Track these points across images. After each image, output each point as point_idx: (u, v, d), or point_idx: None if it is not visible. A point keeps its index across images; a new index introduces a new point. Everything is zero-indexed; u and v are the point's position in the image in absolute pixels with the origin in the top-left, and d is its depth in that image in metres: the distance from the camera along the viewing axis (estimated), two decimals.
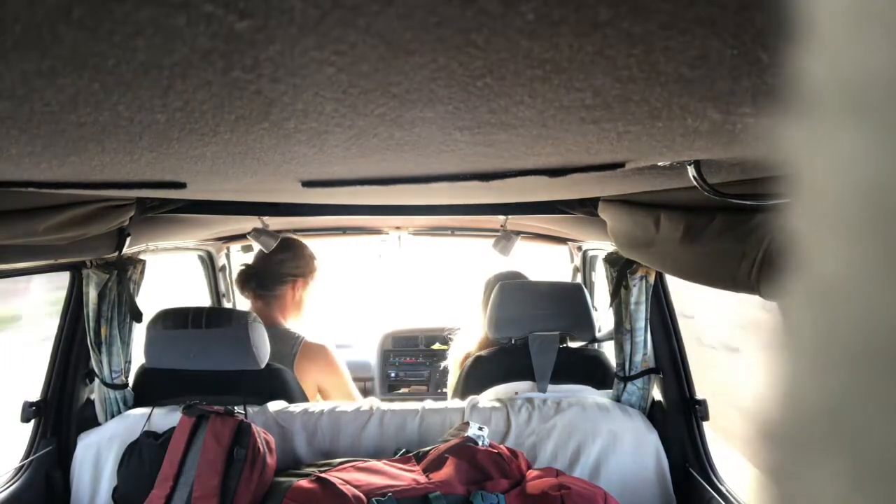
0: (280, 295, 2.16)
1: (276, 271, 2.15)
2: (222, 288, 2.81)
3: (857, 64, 0.14)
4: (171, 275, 3.07)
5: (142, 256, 1.91)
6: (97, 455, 1.75)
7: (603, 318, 2.22)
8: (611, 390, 1.92)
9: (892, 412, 0.13)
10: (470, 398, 1.88)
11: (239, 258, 2.90)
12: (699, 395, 1.82)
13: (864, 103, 0.14)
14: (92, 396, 1.88)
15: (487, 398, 1.88)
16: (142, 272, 1.86)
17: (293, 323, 2.19)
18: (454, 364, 2.25)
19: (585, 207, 1.58)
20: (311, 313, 2.32)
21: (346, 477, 1.46)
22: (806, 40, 0.15)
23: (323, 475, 1.46)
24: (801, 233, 0.15)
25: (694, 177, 0.87)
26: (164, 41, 0.36)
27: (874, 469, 0.13)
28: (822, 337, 0.14)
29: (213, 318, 1.79)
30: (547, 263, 3.21)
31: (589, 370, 2.02)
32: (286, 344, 2.06)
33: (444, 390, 2.44)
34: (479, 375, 2.00)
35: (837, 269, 0.14)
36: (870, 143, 0.13)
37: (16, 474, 1.71)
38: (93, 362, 1.82)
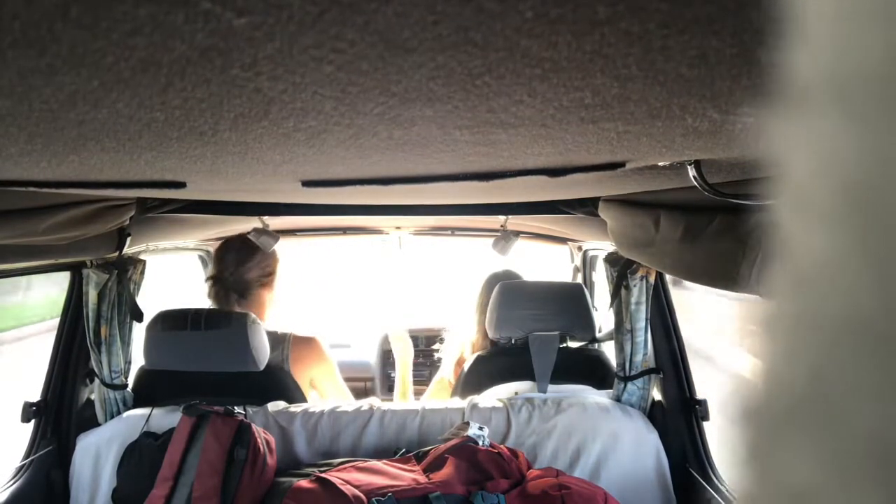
0: (258, 300, 2.07)
1: (248, 279, 2.03)
2: None
3: (842, 58, 0.14)
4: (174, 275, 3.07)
5: (142, 256, 1.91)
6: (97, 455, 1.75)
7: (603, 318, 2.22)
8: (611, 390, 1.92)
9: (863, 395, 0.13)
10: (470, 398, 1.88)
11: None
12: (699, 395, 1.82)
13: (847, 98, 0.14)
14: (92, 397, 1.88)
15: (487, 398, 1.88)
16: (142, 272, 1.86)
17: (272, 319, 2.14)
18: (449, 365, 2.25)
19: (585, 207, 1.58)
20: (283, 300, 2.24)
21: (346, 477, 1.46)
22: (792, 35, 0.15)
23: (323, 475, 1.46)
24: (784, 221, 0.15)
25: (694, 177, 0.87)
26: (163, 39, 0.36)
27: (845, 450, 0.13)
28: (799, 320, 0.15)
29: (213, 320, 1.79)
30: (547, 263, 3.21)
31: (589, 370, 2.02)
32: (275, 348, 2.01)
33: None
34: (479, 375, 2.00)
35: (816, 256, 0.14)
36: (851, 138, 0.14)
37: (16, 474, 1.71)
38: (93, 362, 1.82)
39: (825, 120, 0.14)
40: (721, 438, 1.73)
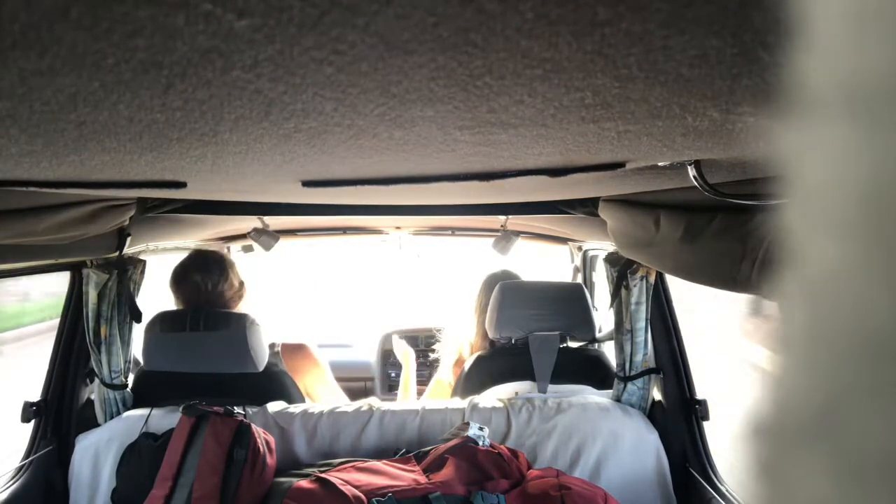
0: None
1: (223, 300, 1.93)
2: None
3: (853, 63, 0.14)
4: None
5: (142, 256, 1.91)
6: (96, 456, 1.75)
7: (603, 318, 2.22)
8: (611, 390, 1.92)
9: (876, 408, 0.13)
10: (470, 398, 1.88)
11: (239, 258, 2.90)
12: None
13: (859, 103, 0.14)
14: (92, 397, 1.88)
15: (488, 398, 1.88)
16: (142, 272, 1.86)
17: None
18: (447, 367, 2.25)
19: (585, 207, 1.59)
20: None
21: (346, 477, 1.46)
22: (803, 40, 0.15)
23: (323, 475, 1.46)
24: (795, 230, 0.15)
25: (694, 177, 0.87)
26: (164, 40, 0.36)
27: (856, 464, 0.13)
28: (812, 333, 0.15)
29: (211, 321, 1.79)
30: (548, 263, 3.21)
31: (589, 370, 2.02)
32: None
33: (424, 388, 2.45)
34: (479, 375, 2.00)
35: (829, 267, 0.14)
36: (863, 143, 0.14)
37: (16, 474, 1.71)
38: (92, 362, 1.82)
39: (837, 127, 0.14)
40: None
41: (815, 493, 0.14)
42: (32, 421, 1.80)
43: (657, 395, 1.89)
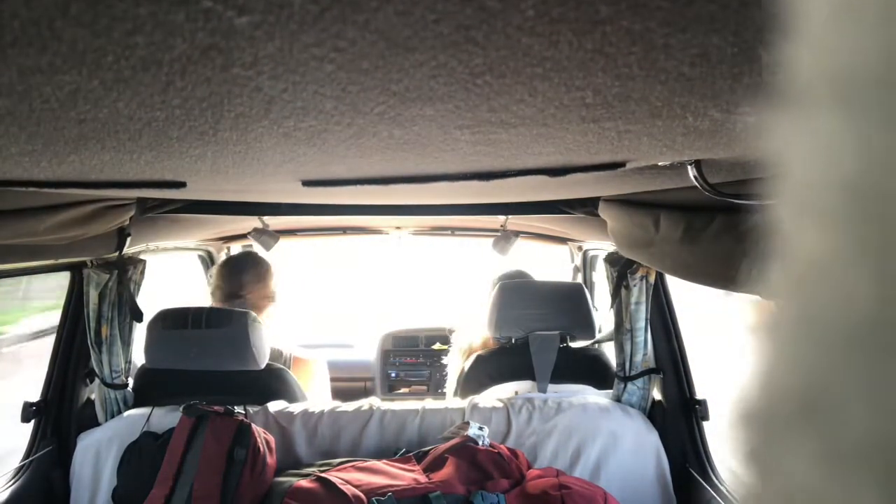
0: (265, 316, 2.07)
1: (245, 296, 2.03)
2: None
3: (841, 56, 0.14)
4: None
5: (142, 256, 1.91)
6: (97, 455, 1.75)
7: (603, 317, 2.22)
8: (611, 390, 1.92)
9: (862, 395, 0.13)
10: (470, 398, 1.87)
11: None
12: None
13: (847, 97, 0.14)
14: (92, 396, 1.88)
15: (487, 398, 1.88)
16: (142, 272, 1.86)
17: (271, 330, 2.13)
18: (455, 361, 2.24)
19: (585, 207, 1.58)
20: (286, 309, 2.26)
21: (346, 477, 1.45)
22: (791, 32, 0.15)
23: (323, 475, 1.46)
24: (783, 220, 0.15)
25: (694, 177, 0.87)
26: (164, 37, 0.36)
27: (845, 451, 0.13)
28: (800, 321, 0.15)
29: (213, 319, 1.79)
30: (549, 263, 3.21)
31: (589, 370, 2.02)
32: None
33: (444, 390, 2.44)
34: (479, 375, 1.99)
35: (815, 256, 0.14)
36: (850, 135, 0.14)
37: (16, 474, 1.71)
38: (93, 362, 1.82)
39: (825, 118, 0.14)
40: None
41: (801, 478, 0.14)
42: (32, 421, 1.80)
43: (657, 395, 1.89)
